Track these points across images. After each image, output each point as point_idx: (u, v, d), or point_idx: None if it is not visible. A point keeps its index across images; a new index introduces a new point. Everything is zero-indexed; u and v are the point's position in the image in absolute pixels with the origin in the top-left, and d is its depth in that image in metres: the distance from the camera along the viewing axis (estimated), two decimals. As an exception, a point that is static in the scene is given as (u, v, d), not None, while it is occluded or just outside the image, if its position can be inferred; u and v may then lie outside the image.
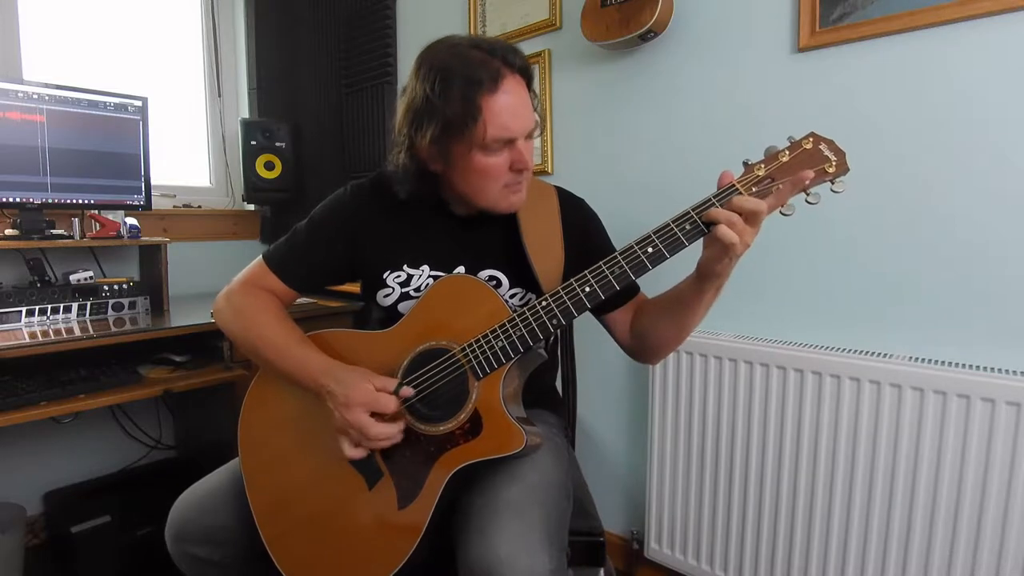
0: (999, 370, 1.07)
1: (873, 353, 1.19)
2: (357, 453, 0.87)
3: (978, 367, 1.09)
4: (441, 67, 0.86)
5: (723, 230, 0.75)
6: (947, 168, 1.14)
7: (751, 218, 0.75)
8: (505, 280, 1.00)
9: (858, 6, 1.19)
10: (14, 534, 1.64)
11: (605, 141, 1.61)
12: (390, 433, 0.86)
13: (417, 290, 0.99)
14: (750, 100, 1.36)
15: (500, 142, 0.87)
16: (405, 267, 1.00)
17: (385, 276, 1.00)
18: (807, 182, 0.76)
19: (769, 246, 1.35)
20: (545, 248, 0.98)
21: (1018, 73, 1.06)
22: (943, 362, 1.12)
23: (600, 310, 1.02)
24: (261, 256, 1.04)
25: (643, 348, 1.00)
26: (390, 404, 0.85)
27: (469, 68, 0.84)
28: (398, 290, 1.00)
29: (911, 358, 1.15)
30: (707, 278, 0.82)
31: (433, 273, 0.99)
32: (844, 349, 1.23)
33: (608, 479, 1.67)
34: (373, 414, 0.85)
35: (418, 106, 0.88)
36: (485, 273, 1.00)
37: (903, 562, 1.14)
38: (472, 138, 0.85)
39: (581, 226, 1.04)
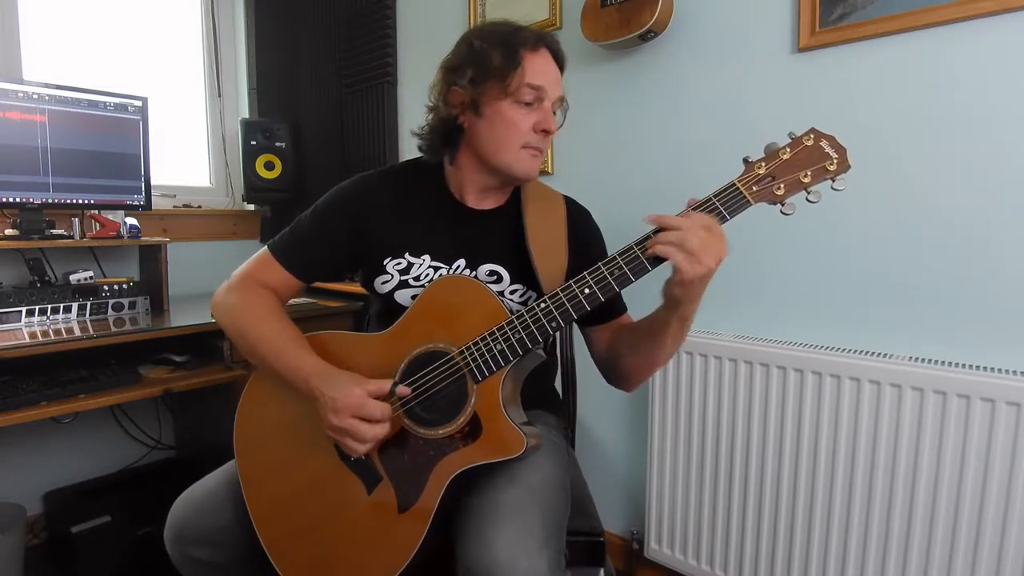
0: (999, 370, 1.07)
1: (873, 353, 1.19)
2: (354, 454, 0.87)
3: (978, 367, 1.09)
4: (486, 30, 0.96)
5: (668, 249, 0.75)
6: (947, 168, 1.14)
7: (705, 233, 0.75)
8: (506, 275, 1.00)
9: (858, 6, 1.19)
10: (14, 534, 1.64)
11: (605, 141, 1.61)
12: (382, 433, 0.85)
13: (416, 279, 0.99)
14: (750, 100, 1.36)
15: (532, 93, 0.92)
16: (406, 255, 1.00)
17: (385, 263, 1.00)
18: (805, 179, 0.76)
19: (769, 246, 1.35)
20: (549, 249, 0.98)
21: (1018, 73, 1.06)
22: (943, 362, 1.12)
23: (585, 321, 1.02)
24: (265, 247, 1.04)
25: (613, 372, 1.00)
26: (377, 411, 0.85)
27: (513, 29, 0.94)
28: (397, 277, 0.99)
29: (911, 358, 1.15)
30: (669, 305, 0.82)
31: (434, 263, 0.99)
32: (844, 349, 1.23)
33: (608, 479, 1.67)
34: (363, 419, 0.85)
35: (460, 59, 0.95)
36: (486, 267, 0.99)
37: (903, 562, 1.14)
38: (507, 83, 0.90)
39: (585, 237, 1.04)
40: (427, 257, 1.00)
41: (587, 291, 0.82)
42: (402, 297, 0.99)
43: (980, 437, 1.06)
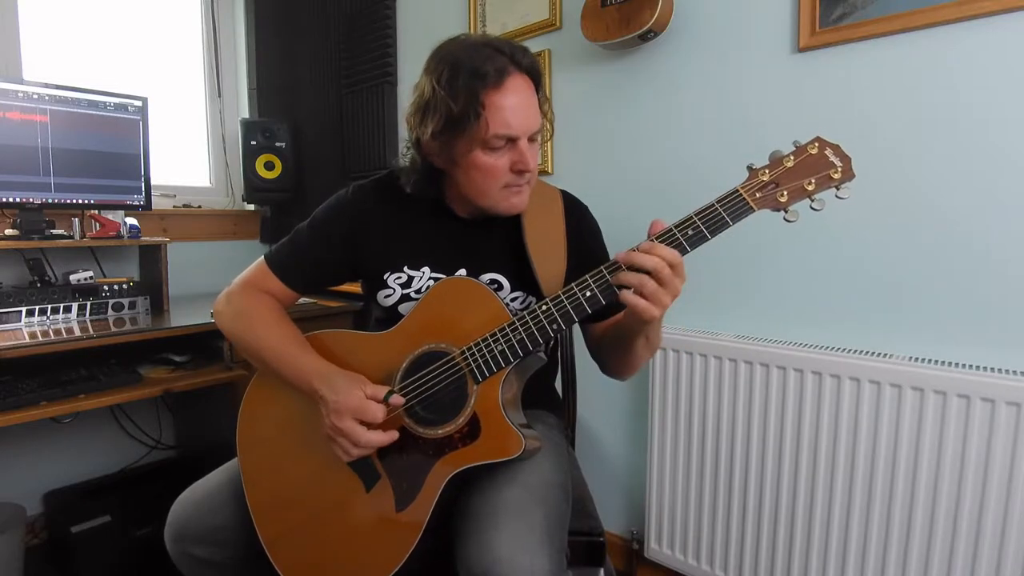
0: (999, 370, 1.07)
1: (873, 353, 1.19)
2: (347, 457, 0.87)
3: (978, 367, 1.09)
4: (450, 61, 0.87)
5: (629, 297, 0.76)
6: (947, 168, 1.14)
7: (660, 277, 0.75)
8: (506, 283, 1.00)
9: (858, 6, 1.19)
10: (14, 534, 1.64)
11: (605, 141, 1.61)
12: (381, 441, 0.85)
13: (418, 292, 0.99)
14: (750, 100, 1.36)
15: (501, 139, 0.87)
16: (406, 268, 1.00)
17: (386, 277, 1.00)
18: (809, 187, 0.76)
19: (769, 246, 1.35)
20: (548, 252, 0.98)
21: (1018, 73, 1.06)
22: (943, 362, 1.12)
23: (586, 319, 1.02)
24: (262, 257, 1.04)
25: (603, 365, 1.03)
26: (378, 414, 0.85)
27: (476, 62, 0.85)
28: (399, 291, 1.00)
29: (911, 358, 1.15)
30: (631, 329, 0.85)
31: (434, 275, 0.99)
32: (844, 349, 1.23)
33: (608, 479, 1.67)
34: (363, 422, 0.85)
35: (426, 100, 0.89)
36: (486, 276, 0.99)
37: (903, 562, 1.14)
38: (474, 134, 0.86)
39: (583, 232, 1.04)
40: (427, 269, 1.00)
41: (588, 294, 0.82)
42: (405, 310, 0.99)
43: (980, 437, 1.06)
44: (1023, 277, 1.08)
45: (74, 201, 1.76)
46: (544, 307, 0.84)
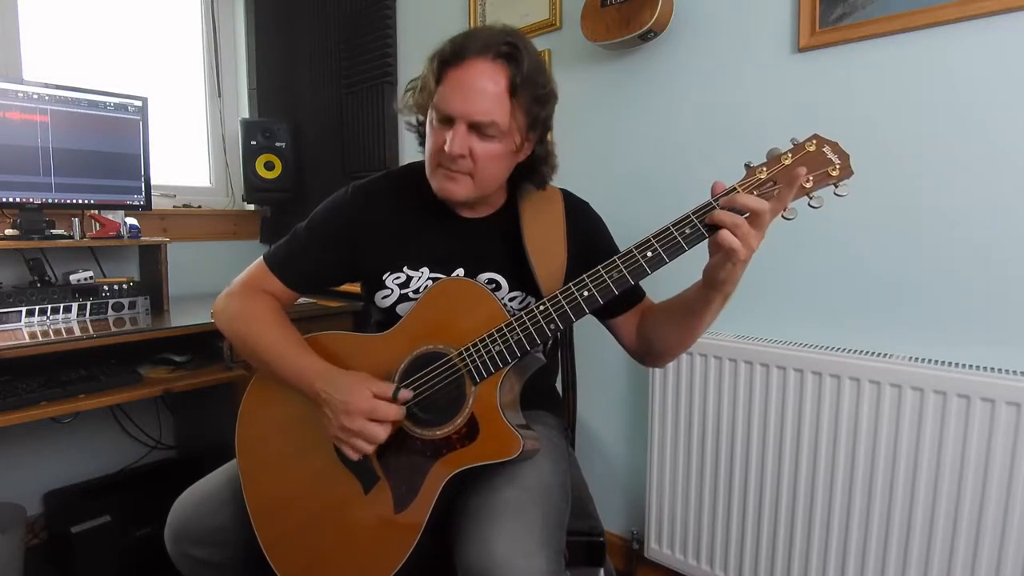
0: (999, 370, 1.07)
1: (873, 353, 1.19)
2: (356, 455, 0.87)
3: (978, 367, 1.09)
4: (443, 44, 0.91)
5: (725, 235, 0.73)
6: (947, 168, 1.13)
7: (755, 220, 0.73)
8: (504, 283, 1.00)
9: (858, 6, 1.19)
10: (14, 534, 1.64)
11: (605, 141, 1.61)
12: (384, 436, 0.86)
13: (416, 292, 0.99)
14: (750, 100, 1.36)
15: (443, 115, 0.88)
16: (405, 269, 1.00)
17: (384, 277, 1.00)
18: (807, 185, 0.76)
19: (769, 246, 1.34)
20: (547, 251, 0.98)
21: (1018, 73, 1.06)
22: (943, 362, 1.12)
23: (605, 315, 1.01)
24: (261, 257, 1.04)
25: (650, 353, 0.99)
26: (391, 412, 0.85)
27: (458, 44, 0.88)
28: (397, 292, 0.99)
29: (911, 358, 1.15)
30: (713, 286, 0.81)
31: (432, 275, 0.99)
32: (844, 349, 1.23)
33: (608, 479, 1.67)
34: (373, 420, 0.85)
35: (422, 76, 0.95)
36: (485, 276, 0.99)
37: (903, 562, 1.14)
38: (432, 102, 0.90)
39: (585, 230, 1.03)
40: (425, 269, 0.99)
41: (586, 293, 0.82)
42: (404, 311, 0.99)
43: (980, 437, 1.06)
44: (1023, 277, 1.08)
45: (74, 201, 1.76)
46: (542, 307, 0.84)
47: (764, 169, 0.77)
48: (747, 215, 0.73)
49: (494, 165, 0.91)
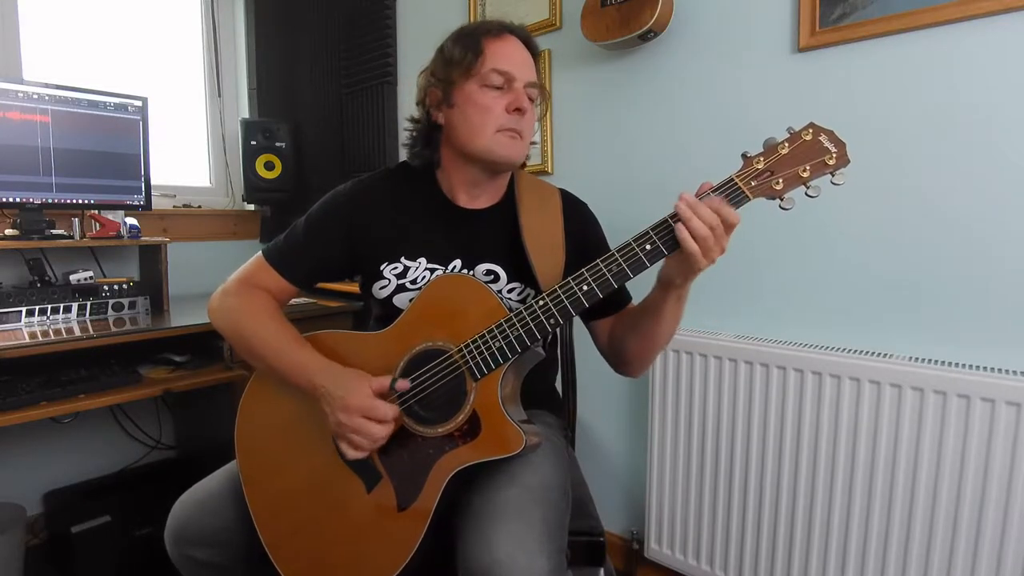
0: (999, 370, 1.07)
1: (873, 353, 1.19)
2: (356, 454, 0.87)
3: (978, 367, 1.09)
4: (457, 31, 0.98)
5: (688, 241, 0.75)
6: (947, 168, 1.14)
7: (723, 230, 0.75)
8: (503, 274, 0.99)
9: (858, 6, 1.19)
10: (14, 534, 1.64)
11: (605, 141, 1.61)
12: (388, 433, 0.86)
13: (413, 282, 0.99)
14: (750, 100, 1.36)
15: (499, 75, 0.92)
16: (402, 259, 1.00)
17: (382, 268, 1.00)
18: (804, 174, 0.75)
19: (769, 246, 1.35)
20: (545, 246, 0.98)
21: (1018, 73, 1.06)
22: (943, 362, 1.12)
23: (590, 316, 1.02)
24: (260, 252, 1.04)
25: (618, 358, 1.01)
26: (388, 412, 0.85)
27: (478, 24, 0.97)
28: (394, 282, 0.99)
29: (911, 358, 1.15)
30: (666, 287, 0.84)
31: (430, 266, 0.99)
32: (844, 349, 1.23)
33: (608, 479, 1.67)
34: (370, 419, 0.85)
35: (433, 59, 0.99)
36: (483, 266, 0.99)
37: (903, 561, 1.14)
38: (472, 70, 0.92)
39: (582, 228, 1.04)
40: (423, 260, 0.99)
41: (585, 288, 0.82)
42: (400, 301, 0.99)
43: (980, 437, 1.06)
44: (1022, 277, 1.08)
45: (74, 201, 1.76)
46: (541, 302, 0.84)
47: (761, 159, 0.77)
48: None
49: (533, 127, 0.98)
